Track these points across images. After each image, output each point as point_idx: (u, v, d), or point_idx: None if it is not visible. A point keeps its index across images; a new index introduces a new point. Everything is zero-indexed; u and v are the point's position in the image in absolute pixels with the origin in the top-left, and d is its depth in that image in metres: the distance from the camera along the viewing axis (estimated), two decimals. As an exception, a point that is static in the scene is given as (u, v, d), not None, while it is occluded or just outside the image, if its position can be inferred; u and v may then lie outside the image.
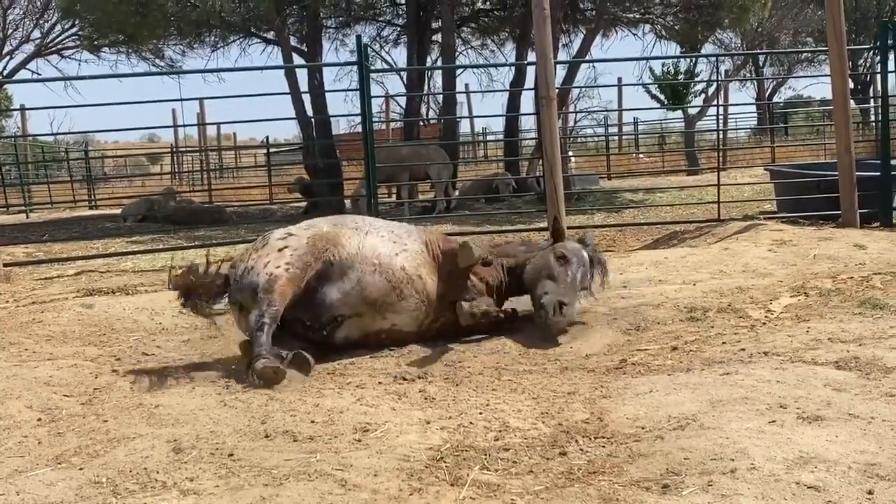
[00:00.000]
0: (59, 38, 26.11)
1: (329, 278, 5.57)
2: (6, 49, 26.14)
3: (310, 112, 17.94)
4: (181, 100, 30.74)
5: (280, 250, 5.58)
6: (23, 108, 30.46)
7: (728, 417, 3.73)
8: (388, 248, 5.75)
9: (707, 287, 7.00)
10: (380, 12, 22.96)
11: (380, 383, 4.78)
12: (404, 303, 5.70)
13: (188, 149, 33.79)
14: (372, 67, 13.50)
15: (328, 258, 5.59)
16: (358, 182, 16.22)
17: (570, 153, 20.22)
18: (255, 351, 4.94)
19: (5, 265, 9.96)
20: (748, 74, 33.60)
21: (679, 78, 29.22)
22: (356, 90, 12.10)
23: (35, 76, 26.65)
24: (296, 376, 4.94)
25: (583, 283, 6.01)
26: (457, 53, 21.47)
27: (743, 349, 5.08)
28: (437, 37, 21.64)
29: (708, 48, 25.32)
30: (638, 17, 20.71)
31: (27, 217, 20.18)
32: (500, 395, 4.50)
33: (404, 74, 21.96)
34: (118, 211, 18.67)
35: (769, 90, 37.08)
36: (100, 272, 10.46)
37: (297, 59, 19.17)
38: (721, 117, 23.87)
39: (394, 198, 19.66)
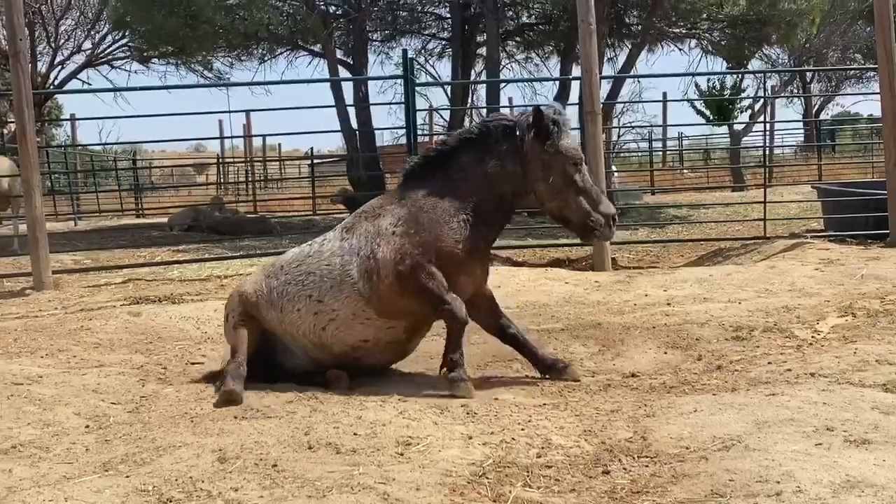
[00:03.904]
0: (110, 48, 26.46)
1: (274, 349, 5.39)
2: (58, 59, 26.59)
3: (354, 124, 18.06)
4: (229, 112, 31.06)
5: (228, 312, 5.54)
6: (73, 118, 31.06)
7: (774, 439, 3.69)
8: (314, 321, 5.20)
9: (753, 306, 6.94)
10: (425, 26, 23.02)
11: (422, 396, 4.79)
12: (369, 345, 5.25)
13: (234, 159, 34.13)
14: (417, 81, 13.54)
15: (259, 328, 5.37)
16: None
17: (614, 168, 20.11)
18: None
19: (54, 272, 10.12)
20: (795, 90, 33.22)
21: (725, 93, 29.01)
22: (401, 103, 12.20)
23: (86, 86, 27.15)
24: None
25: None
26: (501, 67, 21.49)
27: (789, 370, 5.02)
28: (482, 50, 21.67)
29: (755, 64, 25.10)
30: (684, 32, 20.56)
31: (76, 224, 20.47)
32: (542, 411, 4.49)
33: (448, 87, 22.03)
34: (165, 220, 18.90)
35: (816, 106, 36.64)
36: (146, 280, 10.60)
37: (343, 72, 19.32)
38: (767, 133, 23.62)
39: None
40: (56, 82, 26.40)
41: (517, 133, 5.09)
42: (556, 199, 5.14)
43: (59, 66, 26.72)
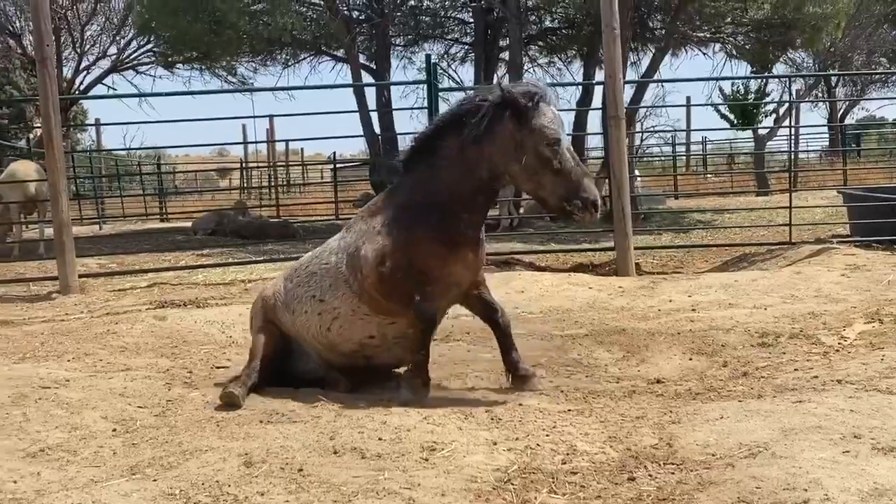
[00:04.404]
0: (135, 54, 26.73)
1: (290, 353, 5.42)
2: (83, 64, 26.83)
3: (377, 129, 18.10)
4: (253, 116, 31.15)
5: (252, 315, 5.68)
6: (98, 123, 31.34)
7: (801, 446, 3.67)
8: (318, 321, 5.22)
9: (778, 312, 6.90)
10: (448, 30, 23.09)
11: (446, 402, 4.79)
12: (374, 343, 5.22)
13: (257, 164, 34.30)
14: (440, 86, 13.57)
15: (278, 332, 5.42)
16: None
17: (637, 172, 20.05)
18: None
19: (80, 276, 10.20)
20: (820, 95, 32.98)
21: (749, 98, 28.86)
22: (424, 108, 12.21)
23: (111, 91, 27.42)
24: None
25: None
26: (524, 71, 21.47)
27: (816, 376, 4.99)
28: (505, 54, 21.68)
29: (779, 68, 24.93)
30: (708, 36, 20.47)
31: (101, 229, 20.62)
32: (567, 417, 4.47)
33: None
34: (189, 224, 19.01)
35: (841, 111, 36.38)
36: (171, 284, 10.66)
37: (366, 77, 19.38)
38: (792, 138, 23.47)
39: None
40: (81, 87, 26.67)
41: (489, 112, 4.80)
42: (530, 180, 4.80)
43: (85, 72, 27.06)
